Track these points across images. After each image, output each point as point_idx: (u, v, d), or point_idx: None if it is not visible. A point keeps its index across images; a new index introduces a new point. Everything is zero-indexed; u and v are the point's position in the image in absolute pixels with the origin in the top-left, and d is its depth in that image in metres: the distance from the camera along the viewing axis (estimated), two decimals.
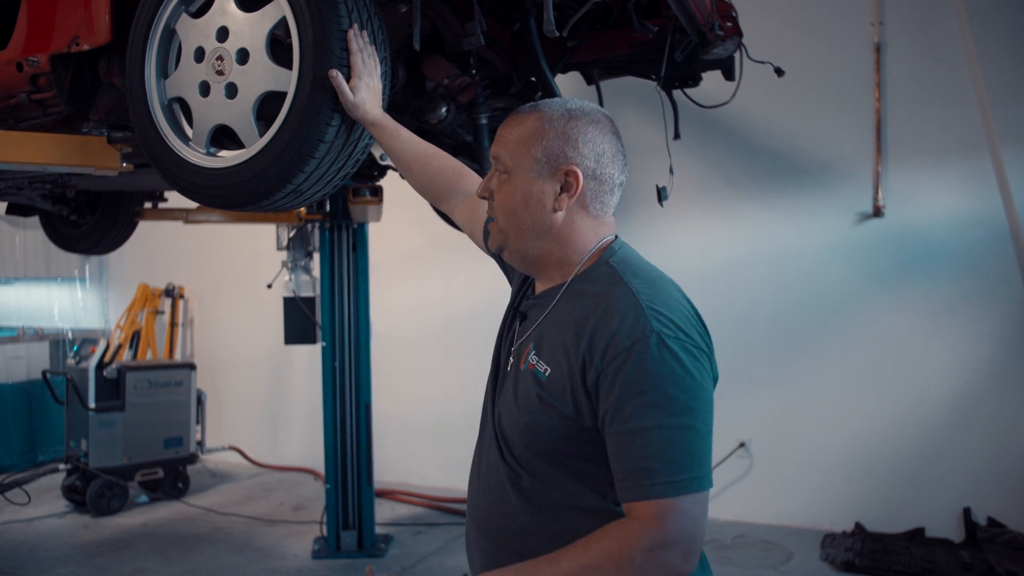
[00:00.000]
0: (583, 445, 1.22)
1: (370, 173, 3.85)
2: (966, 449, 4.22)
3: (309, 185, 1.75)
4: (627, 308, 1.19)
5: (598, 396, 1.18)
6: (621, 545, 1.13)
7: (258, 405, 6.38)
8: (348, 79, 1.65)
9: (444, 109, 2.49)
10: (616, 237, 1.36)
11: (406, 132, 1.68)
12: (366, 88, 1.66)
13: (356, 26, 1.68)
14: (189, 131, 1.88)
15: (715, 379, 1.24)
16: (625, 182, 1.36)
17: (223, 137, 1.87)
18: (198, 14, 1.83)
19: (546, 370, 1.24)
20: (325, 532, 4.35)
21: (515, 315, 1.41)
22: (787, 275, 4.62)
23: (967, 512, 4.17)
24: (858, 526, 4.37)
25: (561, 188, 1.28)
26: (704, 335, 1.24)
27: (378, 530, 4.50)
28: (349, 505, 4.29)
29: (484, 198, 1.36)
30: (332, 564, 4.13)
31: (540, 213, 1.28)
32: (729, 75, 2.81)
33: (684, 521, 1.12)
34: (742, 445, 4.69)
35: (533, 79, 2.66)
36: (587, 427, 1.20)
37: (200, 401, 5.53)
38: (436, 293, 5.58)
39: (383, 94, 1.78)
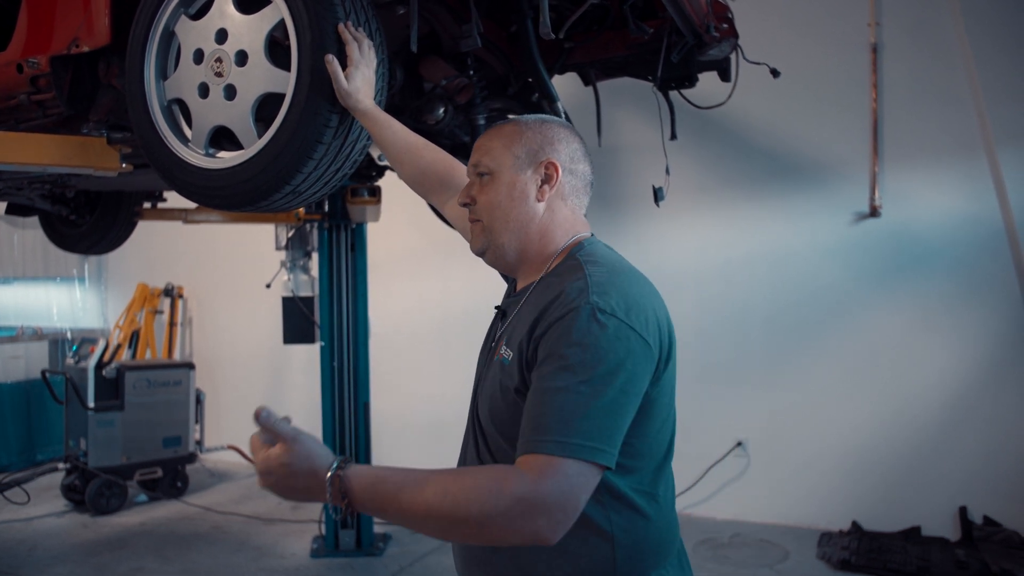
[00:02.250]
0: None
1: (368, 173, 3.87)
2: (962, 448, 4.24)
3: (307, 186, 1.77)
4: (573, 285, 1.22)
5: (527, 367, 1.21)
6: (494, 483, 1.09)
7: (256, 404, 6.29)
8: (344, 68, 1.66)
9: (442, 110, 2.51)
10: (591, 235, 1.41)
11: (397, 124, 1.69)
12: (361, 77, 1.67)
13: (351, 22, 1.70)
14: (188, 132, 1.90)
15: (663, 377, 1.25)
16: (594, 182, 1.44)
17: (222, 138, 1.88)
18: (197, 16, 1.84)
19: (509, 355, 1.27)
20: (323, 531, 4.36)
21: (497, 313, 1.45)
22: (784, 275, 4.64)
23: (963, 511, 4.18)
24: (854, 525, 4.39)
25: (542, 181, 1.37)
26: (657, 330, 1.23)
27: (376, 529, 4.51)
28: None
29: (466, 204, 1.41)
30: (330, 563, 4.14)
31: (523, 203, 1.36)
32: (725, 76, 2.83)
33: (562, 483, 1.09)
34: (739, 444, 4.70)
35: (530, 80, 2.68)
36: None
37: (199, 400, 5.54)
38: (434, 293, 5.59)
39: (382, 95, 1.79)
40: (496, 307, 1.44)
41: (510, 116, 1.45)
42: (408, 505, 1.11)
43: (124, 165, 2.45)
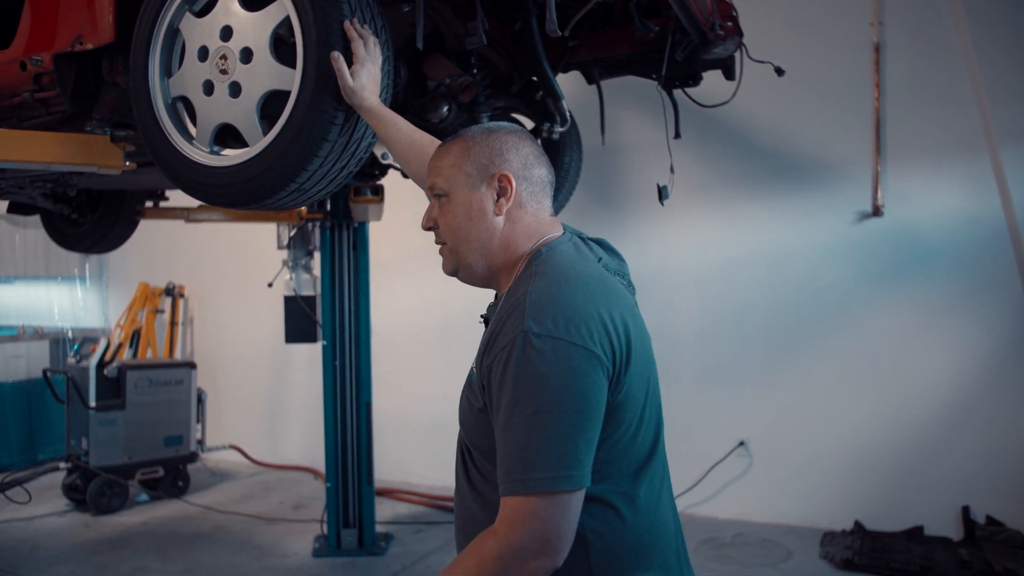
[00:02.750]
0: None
1: (371, 172, 3.86)
2: (964, 448, 4.23)
3: (313, 183, 1.76)
4: (515, 309, 1.21)
5: (487, 393, 1.24)
6: (475, 557, 1.15)
7: (258, 404, 6.39)
8: (349, 65, 1.66)
9: (446, 108, 2.51)
10: (562, 233, 1.39)
11: (403, 121, 1.68)
12: (367, 75, 1.66)
13: (357, 19, 1.69)
14: (193, 130, 1.89)
15: (626, 381, 1.22)
16: (554, 181, 1.44)
17: (227, 136, 1.87)
18: (202, 13, 1.84)
19: (474, 371, 1.29)
20: (325, 530, 4.35)
21: (484, 322, 1.44)
22: (786, 275, 4.63)
23: (966, 510, 4.18)
24: (857, 524, 4.38)
25: (498, 195, 1.36)
26: (607, 336, 1.21)
27: (378, 528, 4.50)
28: (349, 503, 4.30)
29: (430, 229, 1.42)
30: (332, 562, 4.14)
31: (482, 221, 1.36)
32: (729, 75, 2.83)
33: (532, 524, 1.13)
34: (741, 444, 4.70)
35: (534, 79, 2.68)
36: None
37: (200, 400, 5.53)
38: (436, 292, 5.58)
39: (387, 92, 1.79)
40: (481, 316, 1.43)
41: (457, 132, 1.46)
42: None
43: (128, 163, 2.44)
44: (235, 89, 1.76)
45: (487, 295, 1.46)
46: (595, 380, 1.17)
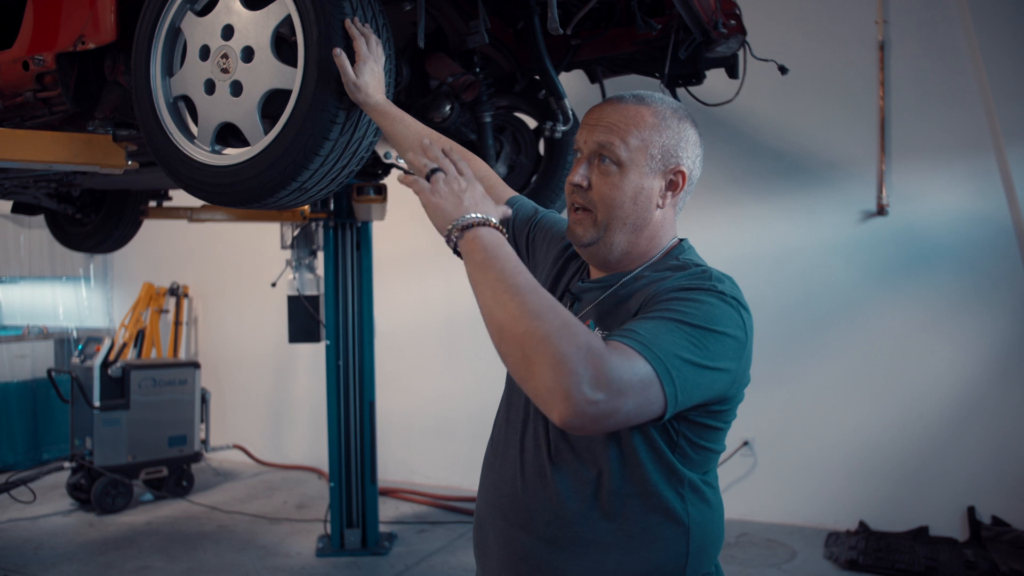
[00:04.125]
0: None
1: (374, 171, 3.86)
2: (970, 448, 4.21)
3: (314, 183, 1.76)
4: (697, 272, 1.24)
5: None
6: (582, 326, 1.03)
7: (262, 403, 6.39)
8: (352, 63, 1.65)
9: (448, 107, 2.50)
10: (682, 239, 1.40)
11: (410, 118, 1.66)
12: (369, 72, 1.65)
13: (358, 18, 1.69)
14: (194, 129, 1.89)
15: (745, 379, 1.27)
16: None
17: (228, 135, 1.87)
18: (203, 12, 1.83)
19: None
20: (329, 530, 4.35)
21: (564, 296, 1.41)
22: (791, 273, 4.62)
23: (971, 511, 4.16)
24: (862, 525, 4.37)
25: (666, 187, 1.31)
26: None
27: (382, 528, 4.51)
28: (353, 503, 4.30)
29: (581, 186, 1.30)
30: (336, 562, 4.14)
31: (645, 209, 1.30)
32: (733, 73, 2.82)
33: (625, 371, 1.01)
34: (746, 444, 4.69)
35: (537, 77, 2.67)
36: None
37: (204, 399, 5.54)
38: (439, 291, 5.58)
39: (389, 92, 1.78)
40: (571, 291, 1.38)
41: (638, 94, 1.32)
42: (509, 275, 1.10)
43: (130, 162, 2.44)
44: (236, 88, 1.75)
45: None
46: (741, 362, 1.19)
